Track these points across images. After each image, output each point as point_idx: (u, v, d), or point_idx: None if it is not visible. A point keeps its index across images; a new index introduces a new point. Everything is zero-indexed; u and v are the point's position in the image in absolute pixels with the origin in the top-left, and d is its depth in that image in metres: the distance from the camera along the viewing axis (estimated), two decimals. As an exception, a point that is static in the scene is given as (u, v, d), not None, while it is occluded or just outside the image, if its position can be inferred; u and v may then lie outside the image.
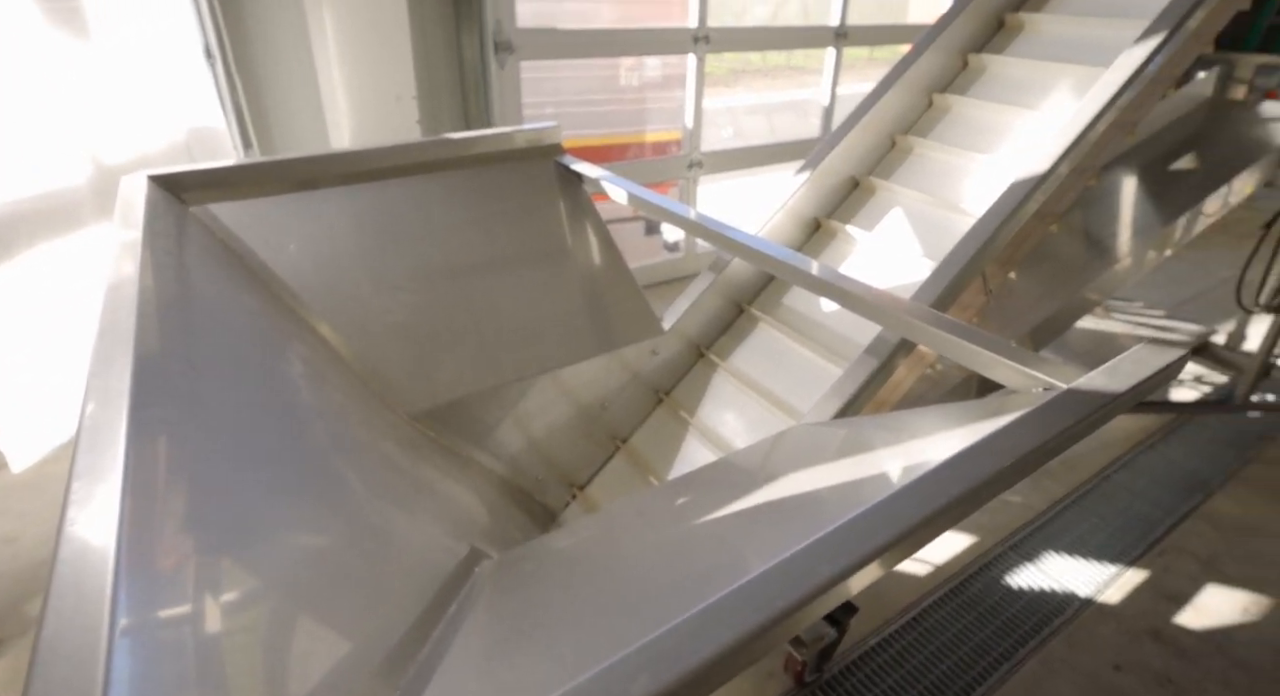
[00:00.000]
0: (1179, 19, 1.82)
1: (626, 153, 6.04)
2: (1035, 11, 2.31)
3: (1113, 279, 2.44)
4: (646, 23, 4.93)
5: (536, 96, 5.38)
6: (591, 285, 2.15)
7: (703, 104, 4.08)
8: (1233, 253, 2.58)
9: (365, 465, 1.36)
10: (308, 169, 1.80)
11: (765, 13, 6.82)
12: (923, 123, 2.31)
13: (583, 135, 5.77)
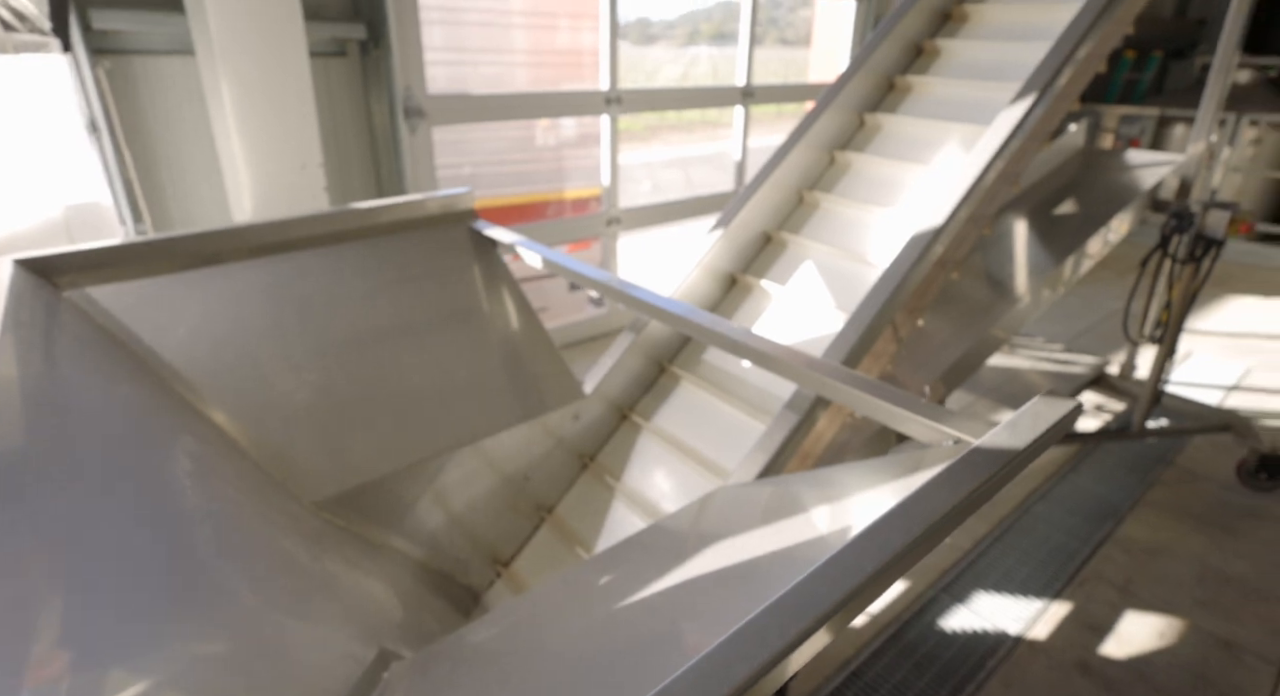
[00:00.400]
0: (1047, 80, 1.96)
1: (547, 210, 6.07)
2: (922, 74, 2.45)
3: (1015, 318, 2.55)
4: (561, 85, 5.03)
5: (454, 157, 5.37)
6: (509, 352, 2.10)
7: (621, 160, 4.15)
8: (1118, 286, 2.77)
9: (258, 568, 1.25)
10: (200, 245, 1.71)
11: (676, 72, 7.07)
12: (827, 178, 2.40)
13: (503, 195, 5.77)
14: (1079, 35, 2.00)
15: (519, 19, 5.54)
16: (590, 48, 7.08)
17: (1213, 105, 2.88)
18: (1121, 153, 3.55)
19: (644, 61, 9.11)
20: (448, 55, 5.16)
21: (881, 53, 2.44)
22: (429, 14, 4.91)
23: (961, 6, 2.51)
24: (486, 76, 5.46)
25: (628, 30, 10.90)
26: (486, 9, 4.86)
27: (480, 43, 5.11)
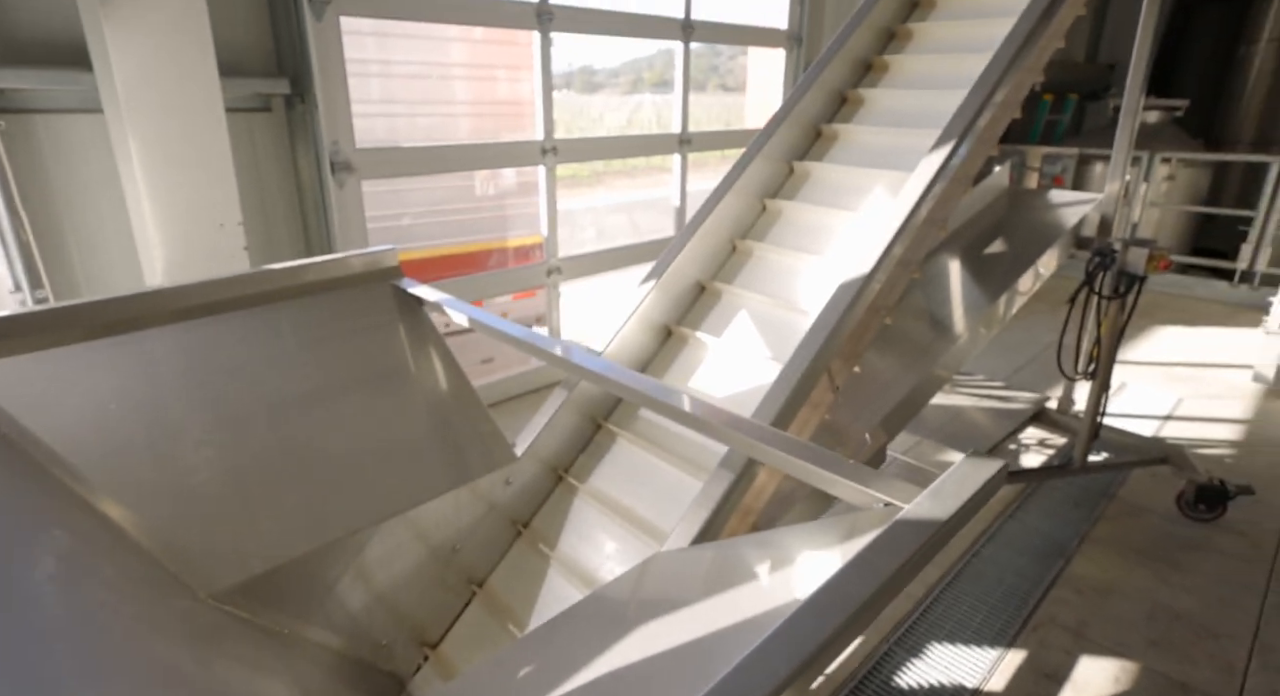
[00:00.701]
0: (964, 127, 1.99)
1: (490, 260, 6.00)
2: (846, 122, 2.48)
3: (953, 357, 2.56)
4: (501, 135, 5.02)
5: (393, 208, 5.27)
6: (436, 415, 2.00)
7: (568, 205, 4.13)
8: (1053, 318, 2.81)
9: (140, 676, 1.11)
10: (100, 313, 1.58)
11: (621, 119, 7.14)
12: (759, 226, 2.39)
13: (445, 245, 5.68)
14: (992, 83, 2.04)
15: (458, 71, 5.55)
16: (530, 98, 7.14)
17: (1124, 146, 2.99)
18: (1045, 192, 3.66)
19: (589, 109, 9.23)
20: (382, 107, 5.11)
21: (807, 102, 2.47)
22: (362, 67, 4.88)
23: (882, 57, 2.56)
24: (424, 127, 5.42)
25: (572, 79, 11.04)
26: (423, 61, 4.85)
27: (416, 95, 5.08)
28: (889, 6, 2.62)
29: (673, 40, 4.39)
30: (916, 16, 2.65)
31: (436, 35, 4.36)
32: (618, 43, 5.31)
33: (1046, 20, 2.17)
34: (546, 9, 3.61)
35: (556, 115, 3.79)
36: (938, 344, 2.51)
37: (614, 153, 4.50)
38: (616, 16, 4.01)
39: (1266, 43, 8.20)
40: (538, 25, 3.62)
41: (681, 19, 4.33)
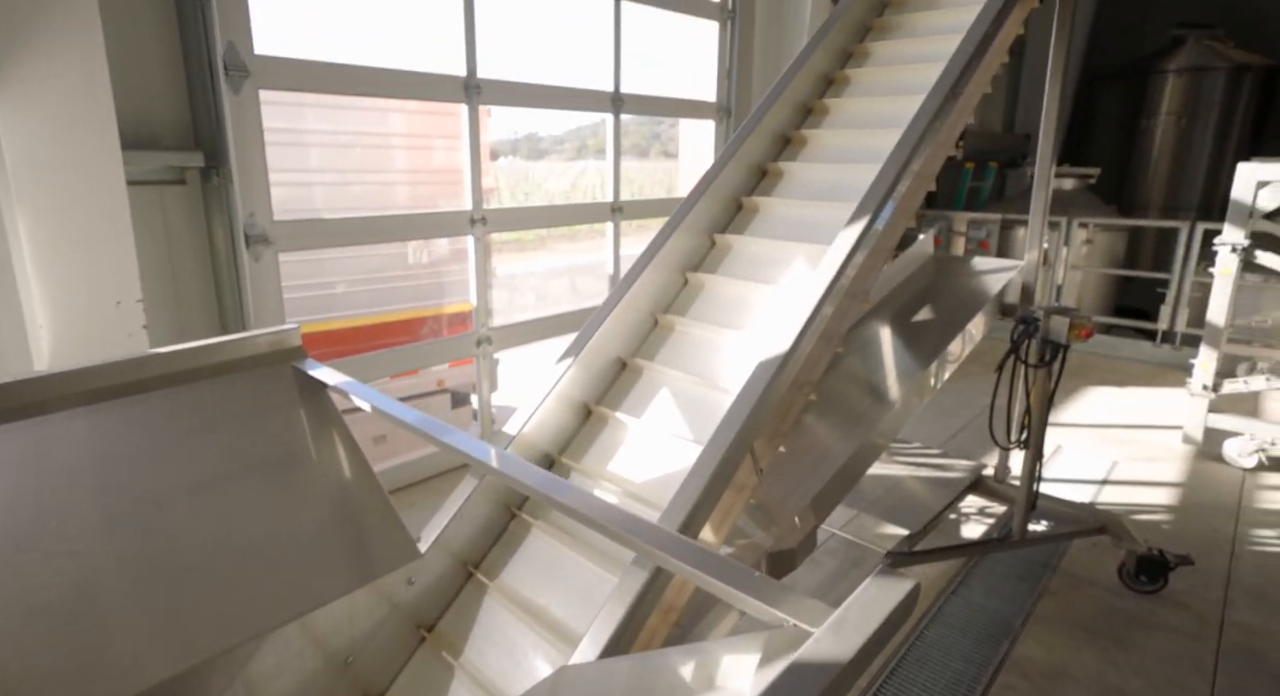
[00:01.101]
0: (879, 200, 1.98)
1: (423, 327, 5.85)
2: (766, 195, 2.48)
3: (887, 427, 2.50)
4: (440, 204, 4.95)
5: (321, 277, 5.11)
6: (334, 508, 1.82)
7: (508, 270, 4.04)
8: (987, 381, 2.79)
9: None
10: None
11: (565, 184, 7.17)
12: (681, 300, 2.33)
13: (374, 313, 5.52)
14: (904, 158, 2.05)
15: (390, 140, 5.51)
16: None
17: (1039, 216, 3.07)
18: (969, 259, 3.73)
19: (534, 174, 9.30)
20: (306, 177, 5.01)
21: (727, 175, 2.46)
22: (289, 136, 4.79)
23: (800, 132, 2.59)
24: (353, 197, 5.32)
25: (519, 145, 11.18)
26: (352, 130, 4.79)
27: (345, 164, 5.01)
28: (805, 83, 2.67)
29: (604, 112, 4.44)
30: (832, 92, 2.71)
31: (366, 105, 4.32)
32: (560, 111, 5.35)
33: (954, 98, 2.22)
34: (474, 83, 3.61)
35: (500, 182, 3.76)
36: (869, 415, 2.46)
37: (545, 222, 4.47)
38: (545, 90, 4.04)
39: (1164, 116, 8.82)
40: (465, 98, 3.61)
41: (611, 92, 4.39)
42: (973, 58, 2.21)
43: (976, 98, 2.52)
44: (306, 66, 3.10)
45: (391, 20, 4.07)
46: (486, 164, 7.06)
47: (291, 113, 4.68)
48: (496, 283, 7.42)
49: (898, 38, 2.76)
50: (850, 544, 3.06)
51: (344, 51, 3.73)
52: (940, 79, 2.17)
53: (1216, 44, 8.61)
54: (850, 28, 2.82)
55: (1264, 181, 3.84)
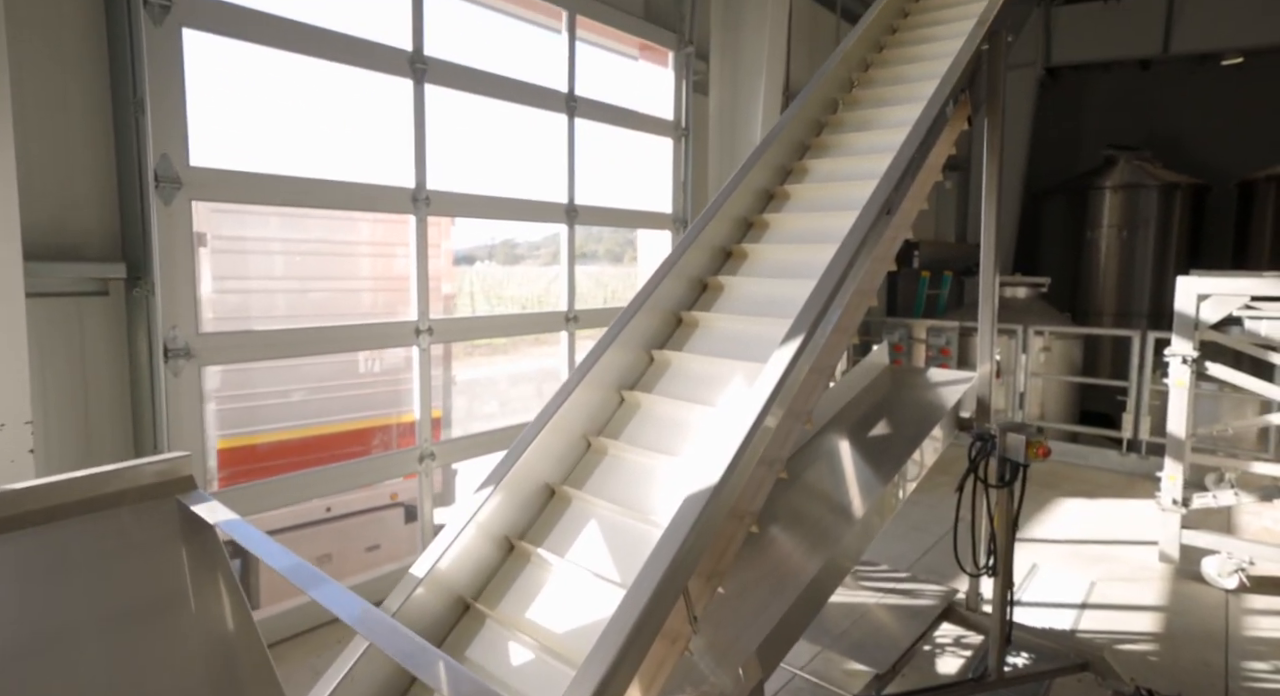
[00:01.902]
0: (815, 318, 1.89)
1: (371, 439, 5.60)
2: (706, 310, 2.39)
3: (849, 550, 2.32)
4: (391, 313, 4.85)
5: (260, 387, 4.91)
6: (205, 669, 1.57)
7: (472, 375, 3.88)
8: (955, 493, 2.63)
9: None
10: None
11: (540, 289, 7.14)
12: (615, 421, 2.18)
13: (325, 423, 5.29)
14: (839, 273, 1.98)
15: (349, 248, 5.48)
16: (436, 273, 7.09)
17: (988, 329, 3.02)
18: (924, 370, 3.67)
19: (510, 278, 9.28)
20: (250, 285, 4.91)
21: (667, 288, 2.38)
22: (234, 243, 4.73)
23: (740, 246, 2.54)
24: (295, 305, 5.21)
25: (495, 251, 11.26)
26: (298, 238, 4.75)
27: (289, 271, 4.94)
28: (746, 198, 2.65)
29: (558, 223, 4.46)
30: (772, 208, 2.69)
31: (318, 213, 4.29)
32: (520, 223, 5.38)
33: (887, 214, 2.19)
34: (423, 195, 3.59)
35: (475, 286, 3.66)
36: (827, 540, 2.27)
37: (497, 332, 4.37)
38: (497, 202, 4.05)
39: (1107, 229, 9.24)
40: (413, 210, 3.58)
41: (565, 203, 4.42)
42: (903, 176, 2.21)
43: (914, 213, 2.52)
44: (245, 178, 3.05)
45: (341, 131, 4.12)
46: (451, 270, 7.08)
47: (237, 220, 4.64)
48: (458, 389, 7.24)
49: (835, 156, 2.79)
50: (816, 688, 2.78)
51: (291, 162, 3.74)
52: (872, 196, 2.14)
53: (1146, 164, 9.18)
54: (789, 147, 2.85)
55: (1204, 294, 3.89)
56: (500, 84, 3.86)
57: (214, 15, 2.80)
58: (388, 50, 3.31)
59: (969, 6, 3.18)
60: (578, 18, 4.50)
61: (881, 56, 3.34)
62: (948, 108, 2.57)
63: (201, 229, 4.93)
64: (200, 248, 4.96)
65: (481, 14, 4.22)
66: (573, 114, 4.38)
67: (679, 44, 5.23)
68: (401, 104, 3.43)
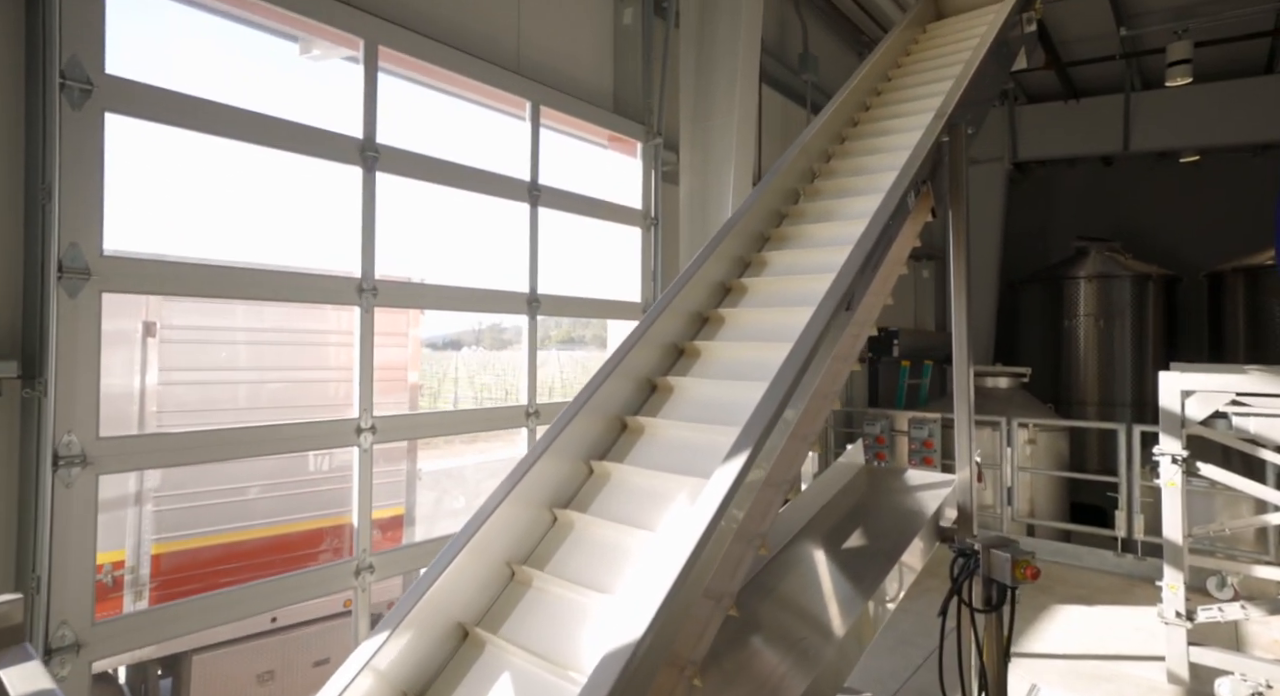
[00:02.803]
0: (764, 428, 1.66)
1: (322, 541, 5.21)
2: (653, 415, 2.16)
3: (837, 671, 2.02)
4: (332, 409, 4.57)
5: (194, 487, 4.57)
6: None
7: (442, 464, 3.56)
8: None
9: None
10: None
11: (511, 380, 6.87)
12: (545, 546, 1.90)
13: (265, 526, 4.91)
14: (792, 377, 1.77)
15: (306, 337, 5.25)
16: (400, 362, 6.84)
17: (965, 430, 2.80)
18: (902, 472, 3.43)
19: (497, 363, 8.96)
20: (200, 376, 4.65)
21: (611, 390, 2.15)
22: (178, 333, 4.49)
23: (693, 343, 2.34)
24: (258, 397, 4.94)
25: (482, 336, 11.02)
26: (225, 327, 4.53)
27: (216, 363, 4.69)
28: (700, 292, 2.48)
29: (519, 314, 4.28)
30: (728, 302, 2.52)
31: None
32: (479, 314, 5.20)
33: (846, 310, 2.01)
34: (369, 284, 3.40)
35: (447, 373, 3.41)
36: (798, 674, 1.96)
37: (448, 429, 4.09)
38: (452, 292, 3.87)
39: (1084, 318, 9.24)
40: (358, 301, 3.38)
41: (527, 293, 4.26)
42: (862, 270, 2.04)
43: (878, 308, 2.34)
44: (168, 267, 2.85)
45: (284, 218, 3.98)
46: (418, 358, 6.84)
47: (192, 307, 4.43)
48: (425, 483, 6.84)
49: (795, 247, 2.65)
50: None
51: (227, 249, 3.57)
52: (829, 291, 1.97)
53: (1117, 255, 9.32)
54: (747, 238, 2.71)
55: (1188, 391, 3.73)
56: (459, 173, 3.76)
57: (141, 100, 2.68)
58: (336, 138, 3.19)
59: (927, 101, 3.14)
60: (542, 108, 4.48)
61: (843, 148, 3.27)
62: (909, 199, 2.45)
63: (152, 318, 4.73)
64: (149, 338, 4.74)
65: (448, 102, 4.19)
66: (536, 203, 4.29)
67: (646, 135, 5.23)
68: (350, 192, 3.30)
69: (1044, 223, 11.34)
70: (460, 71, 3.77)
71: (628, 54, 5.25)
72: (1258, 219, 8.59)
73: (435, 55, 3.60)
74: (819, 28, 7.36)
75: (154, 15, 3.10)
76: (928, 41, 4.07)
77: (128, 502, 4.40)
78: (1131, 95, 8.95)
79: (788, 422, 1.78)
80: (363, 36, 3.22)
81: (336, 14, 3.15)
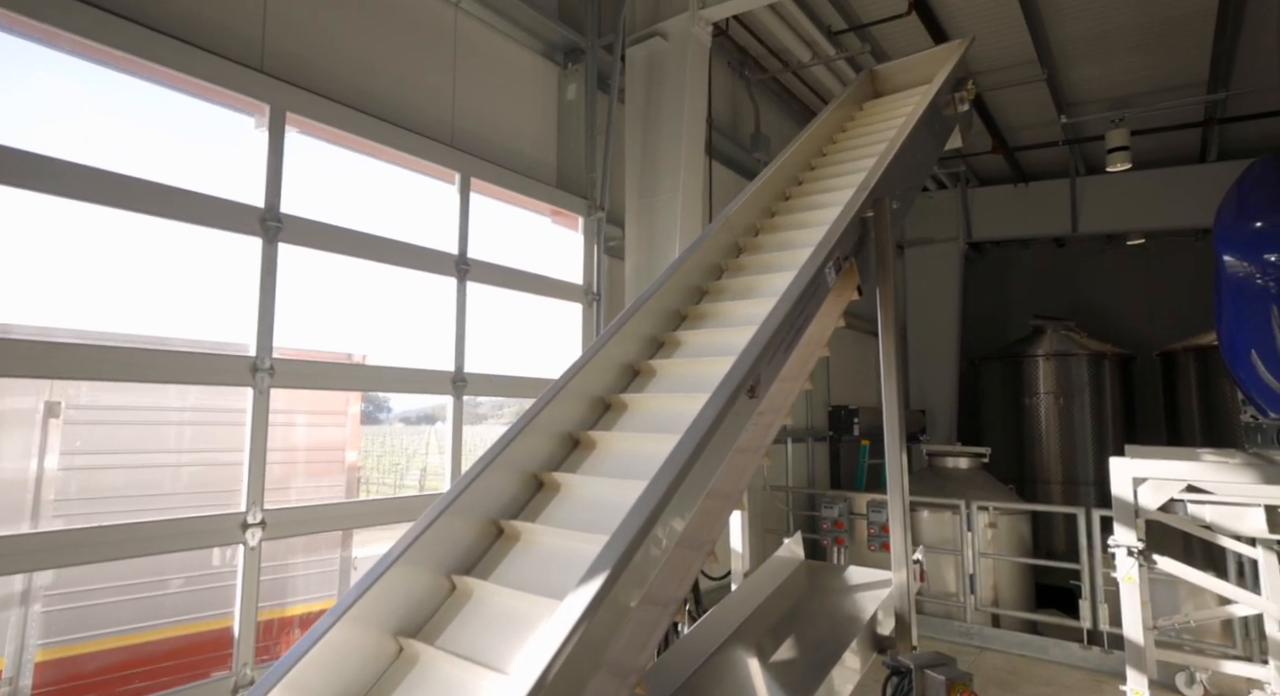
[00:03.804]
0: (630, 543, 1.41)
1: (228, 644, 4.71)
2: (531, 521, 1.89)
3: None
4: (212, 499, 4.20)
5: (105, 580, 4.13)
6: None
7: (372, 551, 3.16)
8: None
9: None
10: None
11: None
12: (439, 618, 1.60)
13: (168, 626, 4.43)
14: (673, 477, 1.53)
15: (226, 416, 4.90)
16: (331, 442, 6.46)
17: (900, 526, 2.56)
18: (842, 570, 3.18)
19: (473, 437, 8.55)
20: (105, 459, 4.28)
21: (484, 485, 1.89)
22: (83, 413, 4.14)
23: (588, 433, 2.10)
24: (173, 482, 4.55)
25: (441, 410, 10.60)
26: (177, 406, 4.20)
27: (159, 444, 4.35)
28: (603, 374, 2.26)
29: (444, 395, 4.02)
30: (635, 385, 2.30)
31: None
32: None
33: (751, 396, 1.80)
34: (265, 363, 3.12)
35: (430, 446, 3.06)
36: None
37: (357, 521, 3.74)
38: (363, 371, 3.62)
39: (1044, 396, 9.18)
40: (251, 382, 3.10)
41: (452, 372, 4.01)
42: (766, 353, 1.84)
43: (793, 393, 2.14)
44: (18, 347, 2.54)
45: (171, 292, 3.73)
46: (357, 437, 6.47)
47: (100, 386, 4.10)
48: (359, 573, 6.37)
49: (711, 327, 2.46)
50: None
51: (103, 323, 3.30)
52: (723, 381, 1.75)
53: (1072, 334, 9.37)
54: (661, 316, 2.53)
55: (1140, 478, 3.55)
56: (375, 244, 3.55)
57: (10, 166, 2.45)
58: (234, 207, 2.99)
59: (854, 177, 3.06)
60: (480, 181, 4.36)
61: (772, 222, 3.16)
62: (828, 275, 2.29)
63: (56, 397, 4.37)
64: (51, 419, 4.37)
65: (388, 171, 4.01)
66: (464, 278, 4.09)
67: (589, 209, 5.13)
68: (250, 263, 3.07)
69: (1002, 301, 11.47)
70: (380, 140, 3.62)
71: (571, 128, 5.21)
72: (1203, 300, 8.72)
73: (350, 123, 3.45)
74: (770, 108, 7.49)
75: (35, 75, 2.93)
76: (863, 118, 4.06)
77: (12, 603, 3.96)
78: (1077, 180, 9.20)
79: (662, 537, 1.52)
80: (268, 102, 3.06)
81: (241, 79, 3.01)
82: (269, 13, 3.25)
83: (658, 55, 5.00)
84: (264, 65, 3.19)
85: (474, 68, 4.48)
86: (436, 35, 4.22)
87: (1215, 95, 6.94)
